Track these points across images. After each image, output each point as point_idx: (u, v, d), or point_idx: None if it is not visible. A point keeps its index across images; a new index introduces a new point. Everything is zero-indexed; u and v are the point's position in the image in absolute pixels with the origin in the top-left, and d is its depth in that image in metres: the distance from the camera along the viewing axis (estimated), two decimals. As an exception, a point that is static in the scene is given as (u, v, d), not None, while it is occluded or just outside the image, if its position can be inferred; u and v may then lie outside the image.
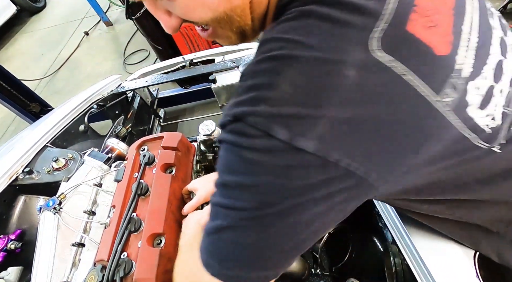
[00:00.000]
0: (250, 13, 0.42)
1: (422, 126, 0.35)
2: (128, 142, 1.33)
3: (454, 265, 0.60)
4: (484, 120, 0.40)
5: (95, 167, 1.05)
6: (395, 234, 0.70)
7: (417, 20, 0.34)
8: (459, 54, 0.37)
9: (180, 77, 1.69)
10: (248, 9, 0.41)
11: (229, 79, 1.43)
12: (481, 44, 0.40)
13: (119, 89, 1.69)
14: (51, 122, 1.34)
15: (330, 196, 0.35)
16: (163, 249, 0.69)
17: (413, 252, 0.64)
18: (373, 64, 0.32)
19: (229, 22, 0.42)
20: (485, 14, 0.44)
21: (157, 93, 2.31)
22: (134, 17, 2.27)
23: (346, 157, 0.33)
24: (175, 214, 0.78)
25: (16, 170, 1.10)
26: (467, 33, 0.39)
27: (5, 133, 3.24)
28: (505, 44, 0.45)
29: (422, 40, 0.34)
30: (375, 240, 0.84)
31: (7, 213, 1.06)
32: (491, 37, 0.43)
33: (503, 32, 0.45)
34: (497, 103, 0.42)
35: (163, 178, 0.82)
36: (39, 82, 3.76)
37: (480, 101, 0.39)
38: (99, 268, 0.67)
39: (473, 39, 0.39)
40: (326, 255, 0.90)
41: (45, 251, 0.82)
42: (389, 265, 0.73)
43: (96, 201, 0.95)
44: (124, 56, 3.61)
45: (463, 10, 0.40)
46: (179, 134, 0.95)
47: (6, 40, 4.96)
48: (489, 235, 0.56)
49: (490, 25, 0.44)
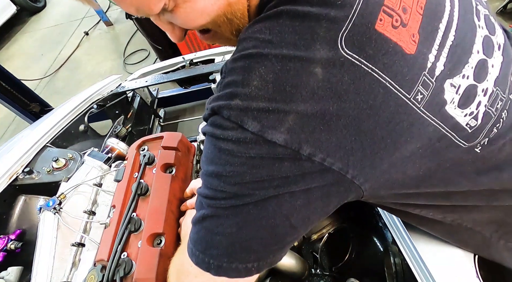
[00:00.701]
0: (247, 16, 0.43)
1: (395, 123, 0.35)
2: (128, 142, 1.33)
3: (454, 265, 0.60)
4: (464, 119, 0.40)
5: (95, 167, 1.05)
6: (395, 234, 0.70)
7: (385, 19, 0.35)
8: (431, 52, 0.37)
9: (180, 77, 1.69)
10: (247, 12, 0.42)
11: (229, 79, 1.43)
12: (458, 43, 0.39)
13: (119, 89, 1.69)
14: (51, 122, 1.34)
15: (308, 191, 0.36)
16: (163, 249, 0.69)
17: (413, 252, 0.64)
18: (340, 61, 0.33)
19: (230, 25, 0.43)
20: (470, 13, 0.44)
21: (157, 93, 2.31)
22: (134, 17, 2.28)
23: (319, 151, 0.34)
24: (175, 214, 0.78)
25: (16, 170, 1.10)
26: (442, 31, 0.39)
27: (5, 133, 3.24)
28: (491, 43, 0.44)
29: (391, 39, 0.35)
30: (375, 240, 0.84)
31: (7, 213, 1.06)
32: (474, 36, 0.42)
33: (489, 31, 0.45)
34: (480, 102, 0.42)
35: (163, 178, 0.82)
36: (39, 82, 3.76)
37: (459, 99, 0.39)
38: (99, 268, 0.67)
39: (449, 37, 0.39)
40: (326, 255, 0.90)
41: (45, 251, 0.82)
42: (389, 265, 0.73)
43: (96, 201, 0.95)
44: (124, 56, 3.61)
45: (440, 8, 0.40)
46: (179, 134, 0.95)
47: (6, 40, 4.96)
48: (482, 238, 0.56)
49: (474, 24, 0.43)
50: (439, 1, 0.40)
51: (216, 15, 0.40)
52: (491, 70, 0.43)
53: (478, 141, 0.43)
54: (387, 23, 0.35)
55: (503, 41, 0.47)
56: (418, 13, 0.38)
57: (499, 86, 0.44)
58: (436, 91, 0.37)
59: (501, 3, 2.64)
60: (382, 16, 0.35)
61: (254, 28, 0.37)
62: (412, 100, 0.36)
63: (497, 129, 0.45)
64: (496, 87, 0.44)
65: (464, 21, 0.42)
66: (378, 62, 0.34)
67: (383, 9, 0.35)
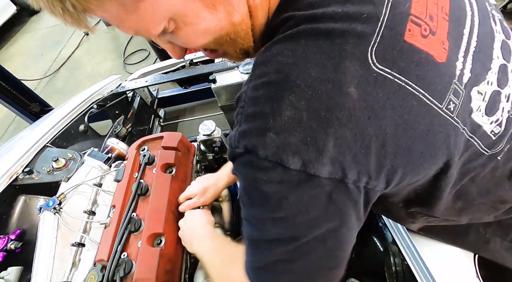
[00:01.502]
0: (252, 36, 0.41)
1: (433, 135, 0.34)
2: (128, 142, 1.33)
3: (454, 265, 0.60)
4: (490, 127, 0.40)
5: (95, 167, 1.04)
6: (395, 234, 0.70)
7: (414, 29, 0.34)
8: (459, 59, 0.36)
9: (180, 77, 1.69)
10: (250, 31, 0.41)
11: (229, 79, 1.43)
12: (481, 48, 0.39)
13: (119, 89, 1.69)
14: (51, 122, 1.33)
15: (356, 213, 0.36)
16: (163, 249, 0.69)
17: (413, 252, 0.64)
18: (373, 77, 0.32)
19: (233, 45, 0.41)
20: (487, 18, 0.43)
21: (157, 93, 2.31)
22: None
23: (363, 175, 0.33)
24: (175, 214, 0.78)
25: (16, 170, 1.10)
26: (466, 37, 0.38)
27: (5, 133, 3.24)
28: (508, 48, 0.44)
29: (422, 49, 0.34)
30: (375, 240, 0.84)
31: (7, 213, 1.06)
32: (493, 41, 0.42)
33: (505, 36, 0.44)
34: (504, 108, 0.41)
35: (163, 178, 0.82)
36: (39, 82, 3.76)
37: (485, 107, 0.38)
38: (99, 268, 0.67)
39: (472, 43, 0.38)
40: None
41: (45, 251, 0.82)
42: (389, 265, 0.73)
43: (96, 201, 0.95)
44: (124, 56, 3.61)
45: (463, 14, 0.39)
46: (179, 134, 0.95)
47: (6, 40, 4.96)
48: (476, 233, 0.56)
49: (492, 29, 0.43)
50: (461, 6, 0.40)
51: (218, 35, 0.38)
52: (511, 75, 0.42)
53: (501, 149, 0.43)
54: (416, 33, 0.34)
55: None
56: (444, 19, 0.37)
57: None
58: (466, 99, 0.36)
59: (501, 3, 2.64)
60: (410, 26, 0.34)
61: (273, 50, 0.35)
62: (445, 110, 0.34)
63: None
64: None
65: (484, 26, 0.41)
66: (411, 74, 0.33)
67: (411, 18, 0.34)
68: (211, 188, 0.82)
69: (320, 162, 0.31)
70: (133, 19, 0.33)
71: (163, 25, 0.35)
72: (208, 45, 0.41)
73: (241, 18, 0.38)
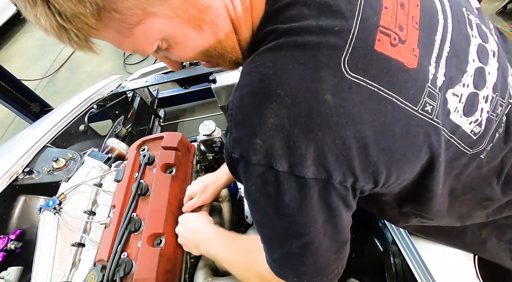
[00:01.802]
0: (239, 48, 0.45)
1: (412, 136, 0.37)
2: (128, 142, 1.33)
3: (454, 265, 0.60)
4: (470, 127, 0.42)
5: (95, 167, 1.05)
6: (395, 234, 0.70)
7: (383, 39, 0.36)
8: (431, 64, 0.38)
9: (180, 77, 1.69)
10: (237, 45, 0.44)
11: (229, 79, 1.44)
12: (454, 53, 0.41)
13: (119, 89, 1.69)
14: (51, 122, 1.34)
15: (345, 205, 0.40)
16: (163, 249, 0.69)
17: (413, 252, 0.64)
18: (347, 84, 0.34)
19: (222, 57, 0.45)
20: (463, 23, 0.45)
21: (157, 93, 2.31)
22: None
23: (348, 176, 0.36)
24: (175, 214, 0.78)
25: (16, 170, 1.10)
26: (438, 43, 0.40)
27: (5, 133, 3.24)
28: (485, 51, 0.46)
29: (392, 57, 0.36)
30: (375, 240, 0.84)
31: (7, 213, 1.06)
32: (469, 46, 0.44)
33: (482, 40, 0.46)
34: (483, 109, 0.43)
35: (163, 178, 0.82)
36: (39, 82, 3.76)
37: (463, 108, 0.41)
38: (99, 268, 0.67)
39: (445, 49, 0.40)
40: (326, 255, 0.90)
41: (45, 251, 0.82)
42: (389, 265, 0.73)
43: (96, 201, 0.95)
44: (124, 56, 3.61)
45: (434, 22, 0.41)
46: (179, 134, 0.95)
47: (6, 40, 4.96)
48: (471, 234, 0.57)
49: (468, 34, 0.45)
50: (432, 15, 0.42)
51: (207, 51, 0.42)
52: (489, 77, 0.45)
53: (483, 148, 0.45)
54: (385, 43, 0.36)
55: (496, 48, 0.48)
56: (414, 28, 0.39)
57: (498, 91, 0.46)
58: (442, 101, 0.39)
59: (501, 3, 2.64)
60: (380, 36, 0.36)
61: (256, 61, 0.38)
62: (421, 111, 0.37)
63: (498, 134, 0.46)
64: (495, 93, 0.45)
65: (458, 32, 0.43)
66: (382, 81, 0.35)
67: (380, 29, 0.36)
68: (211, 186, 0.82)
69: (304, 164, 0.34)
70: (130, 42, 0.38)
71: (156, 44, 0.39)
72: (199, 59, 0.45)
73: (226, 35, 0.41)
